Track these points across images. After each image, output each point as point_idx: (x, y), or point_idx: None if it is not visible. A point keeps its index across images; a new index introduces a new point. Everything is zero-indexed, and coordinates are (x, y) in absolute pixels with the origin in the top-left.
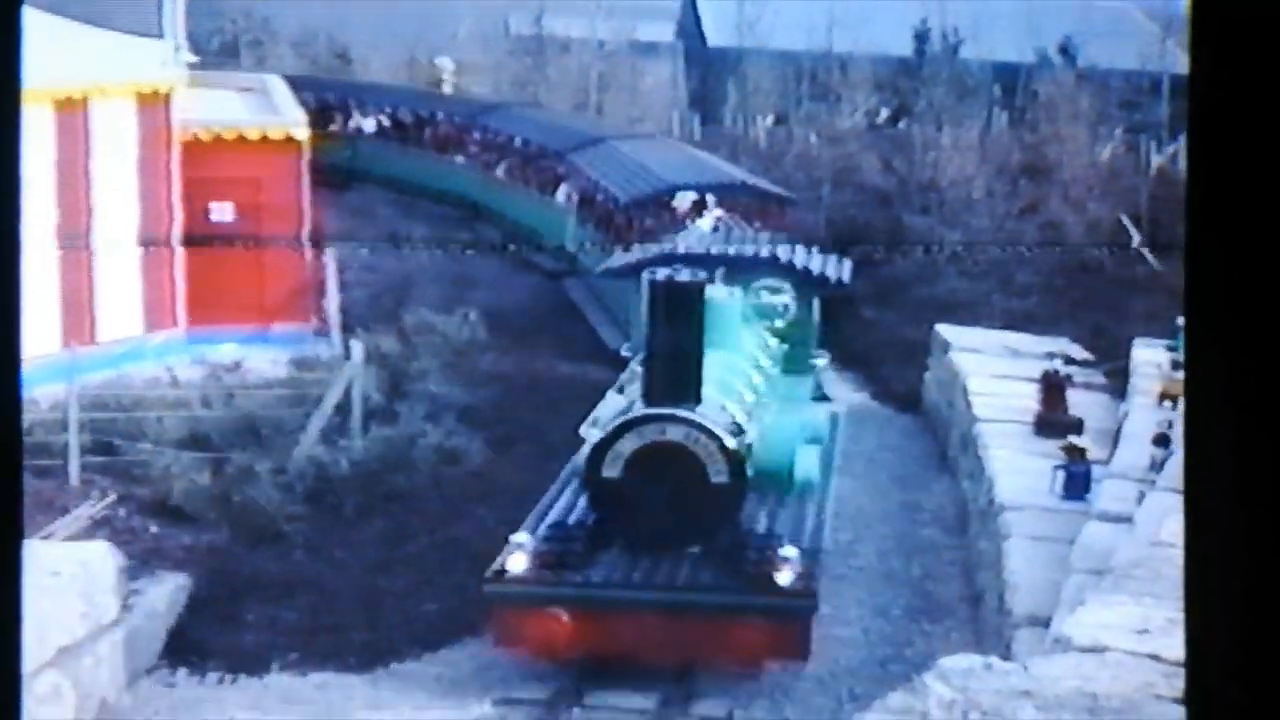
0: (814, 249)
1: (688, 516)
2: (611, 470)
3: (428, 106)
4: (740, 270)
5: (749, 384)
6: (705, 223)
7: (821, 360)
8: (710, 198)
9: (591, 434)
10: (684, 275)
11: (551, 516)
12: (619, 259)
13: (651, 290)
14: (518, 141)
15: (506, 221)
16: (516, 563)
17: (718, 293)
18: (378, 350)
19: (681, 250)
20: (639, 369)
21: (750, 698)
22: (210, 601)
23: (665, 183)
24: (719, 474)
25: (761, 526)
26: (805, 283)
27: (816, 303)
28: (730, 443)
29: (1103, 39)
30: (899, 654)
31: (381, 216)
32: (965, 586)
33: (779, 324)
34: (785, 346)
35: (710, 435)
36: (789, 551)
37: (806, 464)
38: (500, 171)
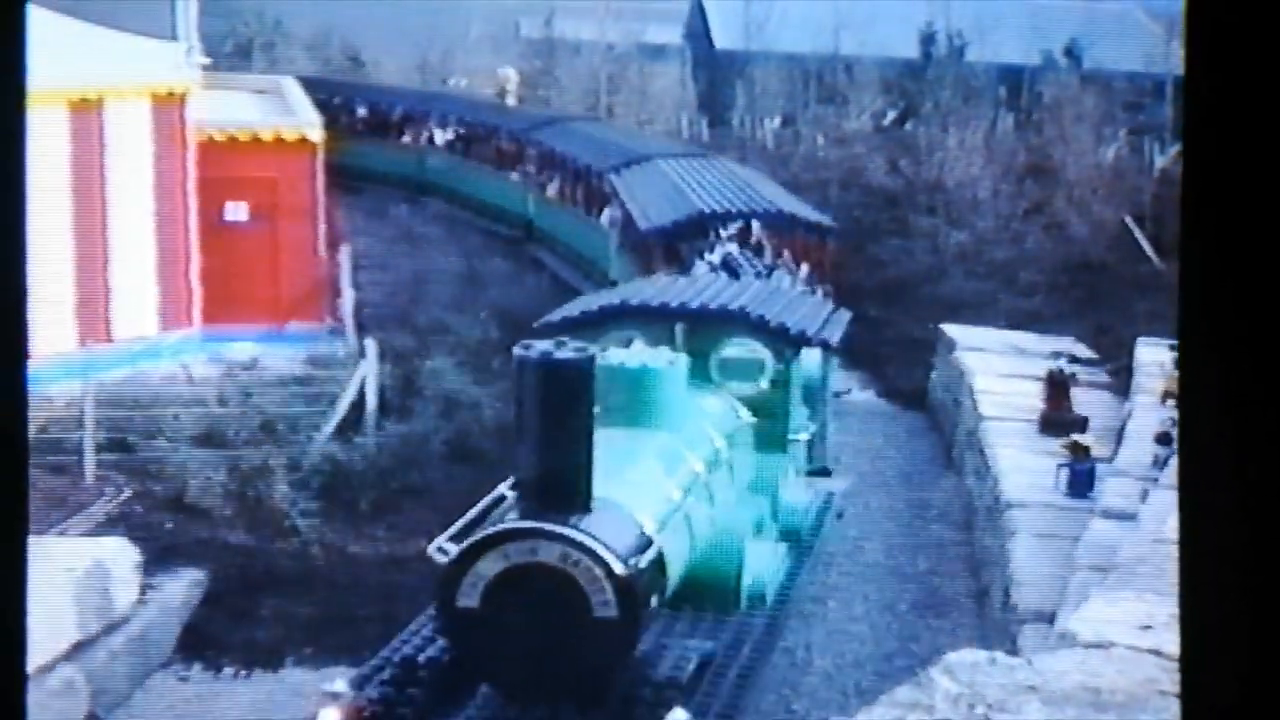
0: (818, 290)
1: (564, 659)
2: (469, 598)
3: (490, 119)
4: (705, 327)
5: (682, 477)
6: (714, 257)
7: (805, 435)
8: (729, 227)
9: (445, 550)
10: (565, 352)
11: (405, 649)
12: (560, 312)
13: (520, 372)
14: (567, 158)
15: (558, 244)
16: None
17: (655, 358)
18: (392, 348)
19: (635, 302)
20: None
21: (758, 692)
22: (225, 597)
23: (694, 210)
24: (605, 606)
25: (663, 671)
26: (782, 343)
27: (813, 359)
28: (618, 568)
29: (1107, 41)
30: (905, 649)
31: (394, 216)
32: (971, 582)
33: (751, 390)
34: (759, 419)
35: (594, 557)
36: (677, 716)
37: (760, 571)
38: (551, 190)
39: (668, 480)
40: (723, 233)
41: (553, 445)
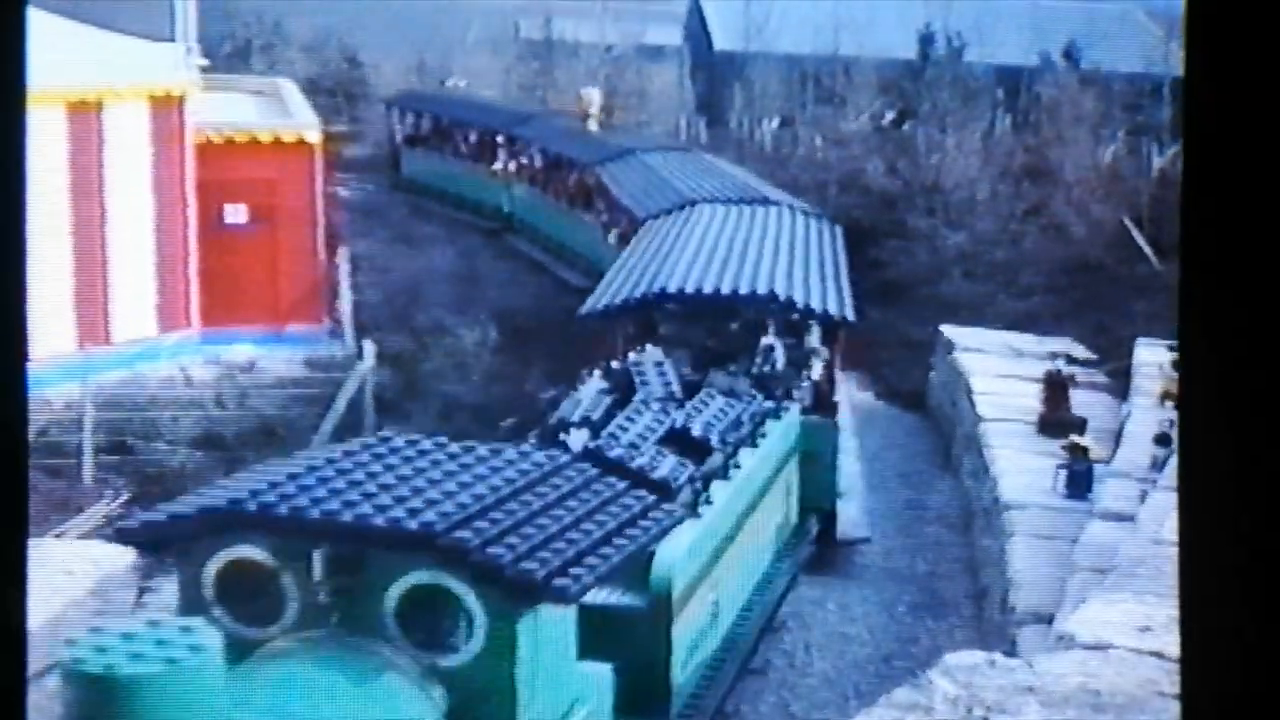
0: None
1: None
2: None
3: (568, 148)
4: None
5: None
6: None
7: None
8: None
9: None
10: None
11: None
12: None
13: None
14: (627, 202)
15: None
16: None
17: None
18: (390, 350)
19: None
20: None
21: (756, 694)
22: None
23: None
24: None
25: None
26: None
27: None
28: None
29: (1106, 42)
30: (904, 650)
31: (393, 218)
32: (970, 584)
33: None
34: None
35: None
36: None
37: None
38: (612, 238)
39: None
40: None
41: None
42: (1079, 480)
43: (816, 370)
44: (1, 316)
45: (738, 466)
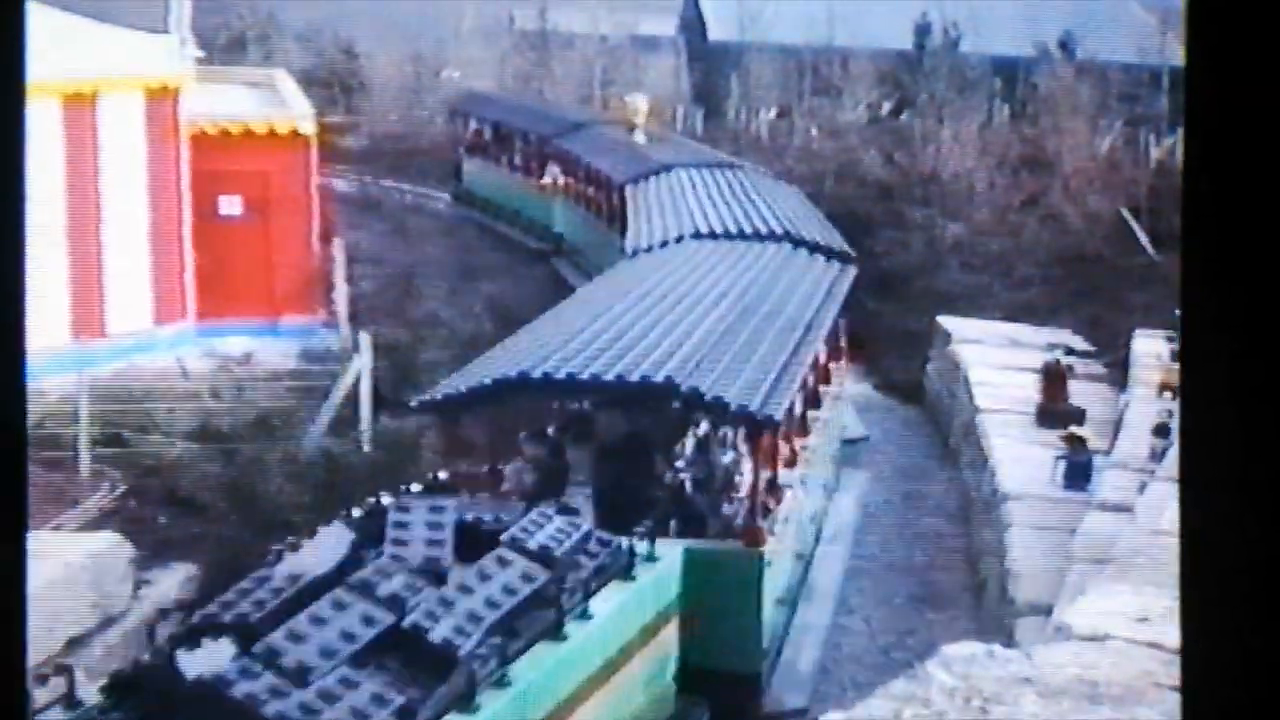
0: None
1: None
2: None
3: (605, 163)
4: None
5: None
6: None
7: None
8: None
9: None
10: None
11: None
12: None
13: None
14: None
15: None
16: None
17: None
18: (385, 342)
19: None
20: None
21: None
22: (219, 591)
23: None
24: None
25: None
26: None
27: None
28: None
29: (1102, 32)
30: (902, 642)
31: (388, 209)
32: (968, 575)
33: None
34: None
35: None
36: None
37: None
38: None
39: None
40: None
41: None
42: (1077, 471)
43: (743, 481)
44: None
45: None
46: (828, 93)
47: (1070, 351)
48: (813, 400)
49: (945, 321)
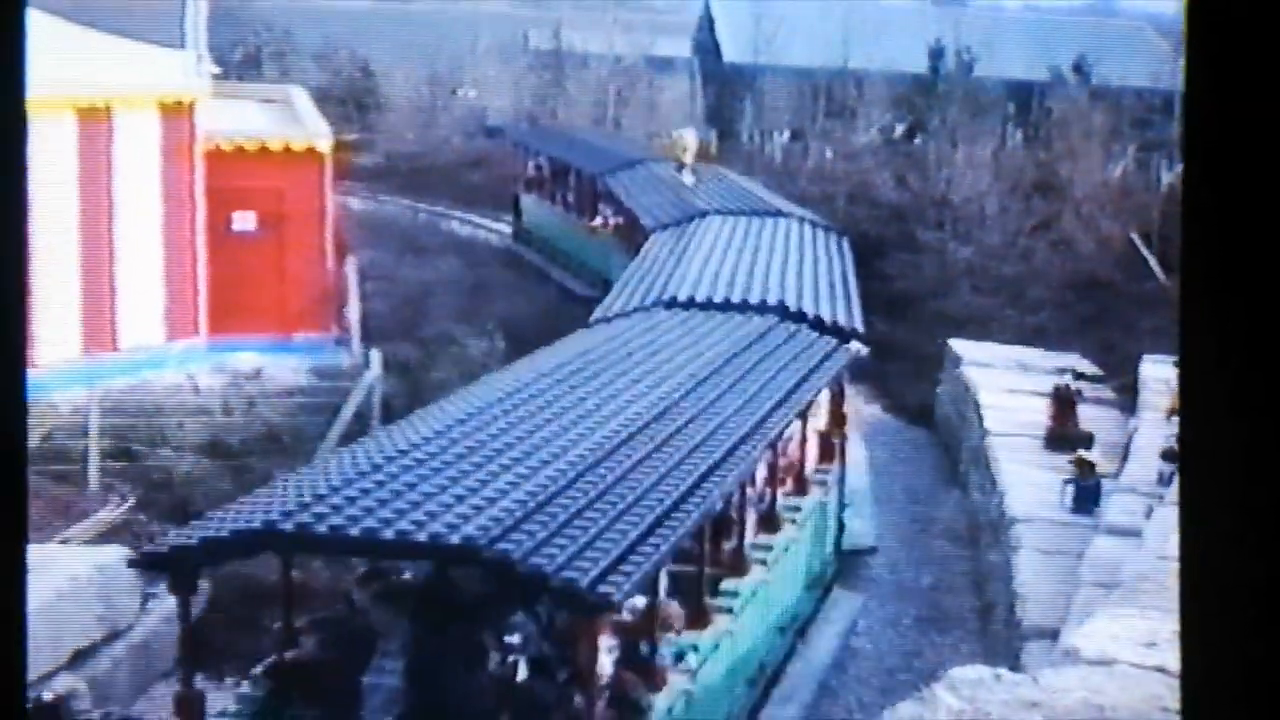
0: None
1: None
2: None
3: (642, 206)
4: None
5: None
6: None
7: None
8: None
9: None
10: None
11: None
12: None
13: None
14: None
15: None
16: None
17: None
18: (397, 359)
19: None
20: None
21: (759, 707)
22: (228, 606)
23: None
24: None
25: None
26: None
27: None
28: None
29: (1115, 56)
30: (908, 664)
31: (402, 226)
32: (975, 598)
33: None
34: None
35: None
36: None
37: None
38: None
39: None
40: None
41: None
42: (1086, 495)
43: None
44: (2, 320)
45: None
46: (841, 115)
47: (1079, 376)
48: (797, 480)
49: (956, 345)
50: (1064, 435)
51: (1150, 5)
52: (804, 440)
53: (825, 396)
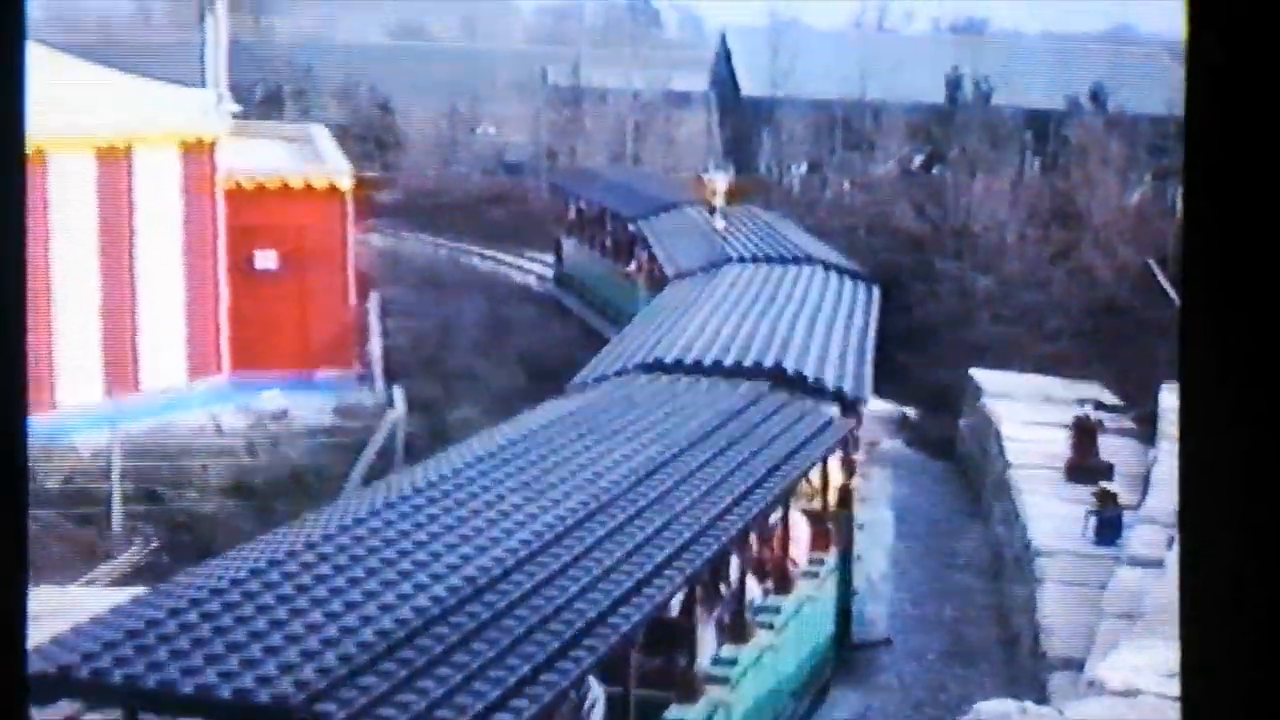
0: None
1: None
2: None
3: (671, 253)
4: None
5: None
6: None
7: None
8: None
9: None
10: None
11: None
12: None
13: None
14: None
15: None
16: None
17: None
18: (419, 396)
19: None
20: None
21: None
22: None
23: None
24: None
25: None
26: None
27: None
28: None
29: (1132, 84)
30: (934, 698)
31: (423, 262)
32: (1000, 630)
33: None
34: None
35: None
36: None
37: None
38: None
39: None
40: None
41: None
42: (1108, 526)
43: None
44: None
45: None
46: (859, 146)
47: (1100, 406)
48: (778, 575)
49: (977, 375)
50: (1085, 466)
51: (1167, 31)
52: (787, 526)
53: (832, 470)
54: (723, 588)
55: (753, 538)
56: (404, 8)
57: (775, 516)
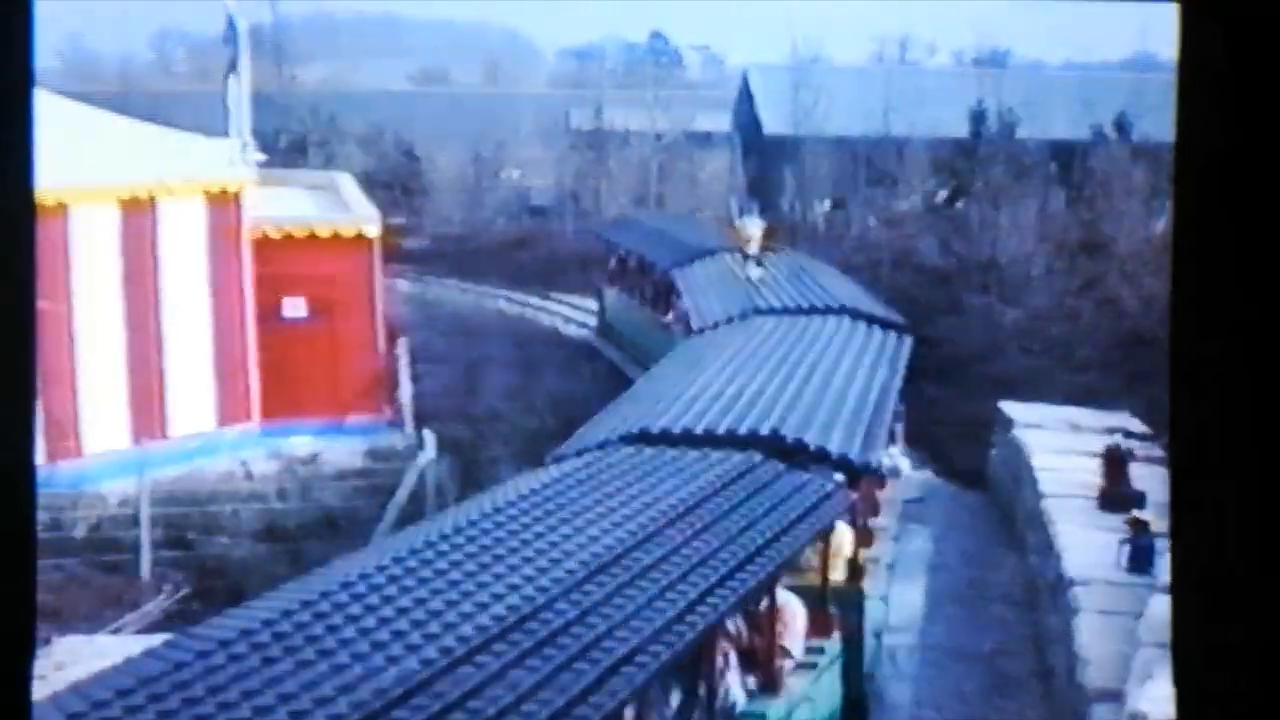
0: None
1: None
2: None
3: (698, 304)
4: None
5: None
6: None
7: None
8: None
9: None
10: None
11: None
12: None
13: None
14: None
15: None
16: None
17: None
18: (450, 440)
19: None
20: None
21: None
22: None
23: None
24: None
25: None
26: None
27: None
28: None
29: (1156, 112)
30: None
31: (450, 307)
32: (1036, 662)
33: None
34: None
35: None
36: None
37: None
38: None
39: None
40: None
41: None
42: (1142, 555)
43: None
44: (10, 420)
45: None
46: (883, 182)
47: (1130, 435)
48: (766, 670)
49: (1007, 407)
50: (1117, 495)
51: None
52: (774, 613)
53: (838, 542)
54: (694, 690)
55: (732, 629)
56: (426, 54)
57: (762, 604)
